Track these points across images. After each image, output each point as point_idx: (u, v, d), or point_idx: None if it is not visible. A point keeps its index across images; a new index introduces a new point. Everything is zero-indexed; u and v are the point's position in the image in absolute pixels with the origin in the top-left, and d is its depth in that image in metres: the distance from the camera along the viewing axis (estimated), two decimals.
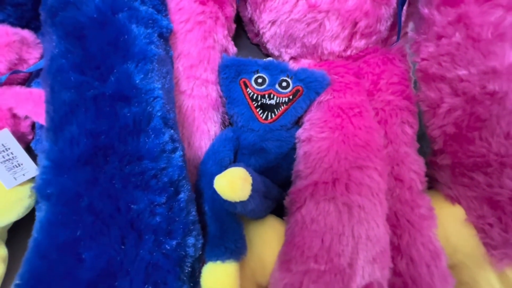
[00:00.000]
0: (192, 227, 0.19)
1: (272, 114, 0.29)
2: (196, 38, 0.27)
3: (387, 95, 0.30)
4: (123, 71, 0.19)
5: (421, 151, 0.31)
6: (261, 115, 0.29)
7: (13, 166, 0.30)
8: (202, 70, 0.28)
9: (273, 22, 0.32)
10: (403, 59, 0.33)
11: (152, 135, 0.19)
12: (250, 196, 0.21)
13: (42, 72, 0.20)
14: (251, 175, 0.22)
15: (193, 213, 0.20)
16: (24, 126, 0.31)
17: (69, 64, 0.18)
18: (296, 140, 0.30)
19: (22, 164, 0.30)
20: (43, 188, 0.17)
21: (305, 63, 0.34)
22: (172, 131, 0.20)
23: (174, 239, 0.18)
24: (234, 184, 0.20)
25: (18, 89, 0.30)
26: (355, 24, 0.30)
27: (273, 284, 0.22)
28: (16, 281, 0.16)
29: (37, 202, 0.31)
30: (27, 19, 0.31)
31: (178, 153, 0.20)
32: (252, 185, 0.21)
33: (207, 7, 0.28)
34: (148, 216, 0.17)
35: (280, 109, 0.29)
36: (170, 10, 0.26)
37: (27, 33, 0.30)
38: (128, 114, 0.18)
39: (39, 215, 0.17)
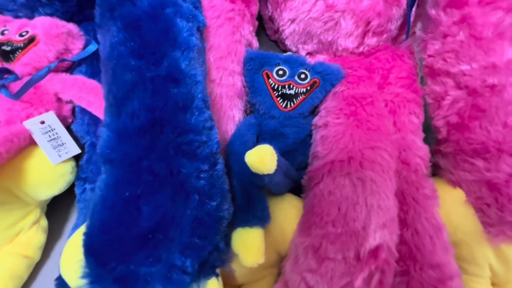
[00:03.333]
0: (226, 195, 0.22)
1: (291, 103, 0.32)
2: (225, 32, 0.30)
3: (396, 88, 0.33)
4: (172, 57, 0.22)
5: (425, 141, 0.34)
6: (281, 104, 0.32)
7: (58, 145, 0.33)
8: (229, 62, 0.31)
9: (292, 20, 0.35)
10: (411, 56, 0.36)
11: (196, 113, 0.22)
12: (276, 170, 0.24)
13: (102, 57, 0.23)
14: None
15: (227, 183, 0.23)
16: (66, 110, 0.35)
17: (129, 50, 0.21)
18: (313, 127, 0.33)
19: (65, 143, 0.33)
20: (107, 154, 0.20)
21: (320, 58, 0.37)
22: (209, 111, 0.23)
23: (214, 201, 0.21)
24: (263, 158, 0.23)
25: (64, 75, 0.33)
26: (368, 23, 0.33)
27: (294, 249, 0.25)
28: (86, 230, 0.19)
29: (77, 179, 0.35)
30: (71, 14, 0.35)
31: (215, 130, 0.23)
32: (277, 160, 0.24)
33: (236, 5, 0.31)
34: (194, 180, 0.20)
35: (299, 98, 0.32)
36: (203, 7, 0.29)
37: (72, 26, 0.33)
38: (177, 94, 0.21)
39: (102, 177, 0.20)
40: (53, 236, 0.36)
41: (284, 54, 0.34)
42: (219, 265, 0.21)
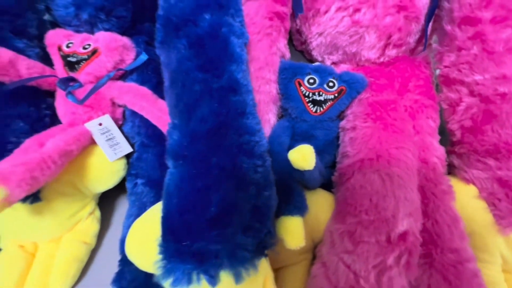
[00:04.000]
0: (273, 187, 0.26)
1: (321, 108, 0.36)
2: (264, 46, 0.34)
3: (415, 95, 0.36)
4: (230, 70, 0.26)
5: (440, 143, 0.37)
6: (311, 109, 0.36)
7: (113, 144, 0.37)
8: (267, 72, 0.34)
9: (320, 34, 0.39)
10: (427, 66, 0.40)
11: (250, 117, 0.25)
12: (314, 166, 0.28)
13: (169, 69, 0.27)
14: None
15: (273, 177, 0.27)
16: (118, 113, 0.39)
17: (195, 65, 0.25)
18: (340, 130, 0.37)
19: (119, 143, 0.37)
20: (180, 152, 0.24)
21: (344, 67, 0.41)
22: (258, 116, 0.27)
23: (267, 192, 0.24)
24: (306, 156, 0.27)
25: (119, 83, 0.37)
26: (390, 37, 0.36)
27: (329, 235, 0.28)
28: (164, 214, 0.23)
29: (128, 175, 0.39)
30: (124, 29, 0.39)
31: (263, 131, 0.27)
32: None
33: (273, 22, 0.35)
34: (252, 173, 0.24)
35: (327, 104, 0.36)
36: (246, 24, 0.33)
37: (126, 39, 0.37)
38: (236, 101, 0.25)
39: (172, 171, 0.24)
40: (102, 224, 0.40)
41: (313, 64, 0.38)
42: (269, 247, 0.25)
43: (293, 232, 0.27)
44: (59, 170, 0.30)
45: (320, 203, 0.32)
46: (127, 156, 0.39)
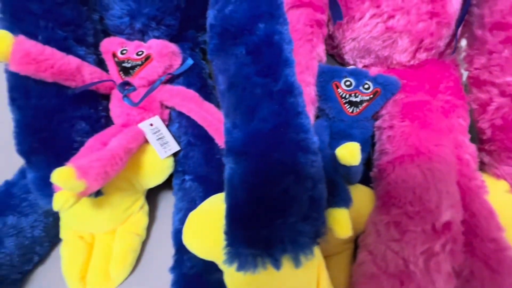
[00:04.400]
0: (324, 180, 0.28)
1: (357, 108, 0.38)
2: (305, 51, 0.36)
3: (446, 96, 0.38)
4: (285, 74, 0.28)
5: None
6: (348, 109, 0.38)
7: (164, 143, 0.40)
8: (307, 75, 0.37)
9: (353, 39, 0.41)
10: (456, 68, 0.42)
11: (303, 116, 0.28)
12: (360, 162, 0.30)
13: (227, 75, 0.29)
14: None
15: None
16: (165, 114, 0.42)
17: (254, 71, 0.28)
18: (376, 129, 0.39)
19: (168, 142, 0.40)
20: (242, 148, 0.26)
21: (375, 70, 0.43)
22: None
23: (321, 184, 0.27)
24: (354, 152, 0.29)
25: (169, 86, 0.40)
26: (421, 41, 0.39)
27: (373, 226, 0.30)
28: (227, 204, 0.26)
29: (175, 172, 0.41)
30: (172, 36, 0.42)
31: (312, 129, 0.29)
32: None
33: (314, 29, 0.37)
34: (309, 168, 0.26)
35: (363, 105, 0.38)
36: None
37: (174, 46, 0.40)
38: (292, 102, 0.27)
39: (232, 166, 0.27)
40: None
41: (349, 67, 0.40)
42: (322, 235, 0.27)
43: (341, 222, 0.29)
44: (124, 166, 0.33)
45: (361, 197, 0.34)
46: (174, 154, 0.42)
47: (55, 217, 0.39)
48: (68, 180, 0.26)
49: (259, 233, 0.24)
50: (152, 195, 0.45)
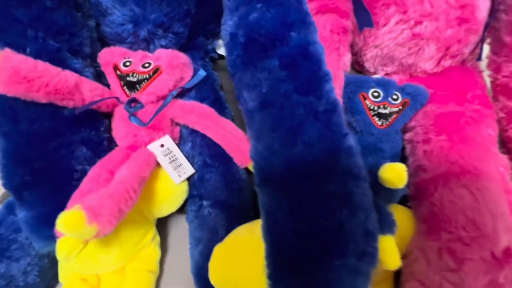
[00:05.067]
0: (373, 208, 0.26)
1: (386, 121, 0.36)
2: (332, 61, 0.34)
3: (474, 105, 0.37)
4: (326, 90, 0.25)
5: None
6: (377, 122, 0.36)
7: (177, 166, 0.35)
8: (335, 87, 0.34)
9: (376, 46, 0.39)
10: (480, 75, 0.40)
11: (349, 138, 0.25)
12: None
13: (262, 93, 0.26)
14: None
15: None
16: (176, 132, 0.37)
17: (293, 87, 0.24)
18: (406, 142, 0.37)
19: (182, 164, 0.36)
20: (285, 178, 0.23)
21: (396, 78, 0.41)
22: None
23: (373, 213, 0.24)
24: (401, 175, 0.26)
25: (181, 102, 0.36)
26: (448, 48, 0.37)
27: (419, 251, 0.28)
28: (270, 243, 0.22)
29: (190, 197, 0.37)
30: (180, 44, 0.37)
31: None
32: None
33: (340, 36, 0.34)
34: (361, 197, 0.23)
35: (392, 117, 0.36)
36: None
37: (185, 56, 0.36)
38: (337, 123, 0.24)
39: (275, 198, 0.23)
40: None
41: (375, 77, 0.38)
42: (375, 267, 0.25)
43: (389, 252, 0.27)
44: (138, 199, 0.28)
45: (400, 219, 0.32)
46: (187, 178, 0.37)
47: (51, 257, 0.34)
48: (78, 226, 0.22)
49: (314, 276, 0.21)
50: (160, 221, 0.40)
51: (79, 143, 0.30)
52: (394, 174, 0.27)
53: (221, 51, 0.43)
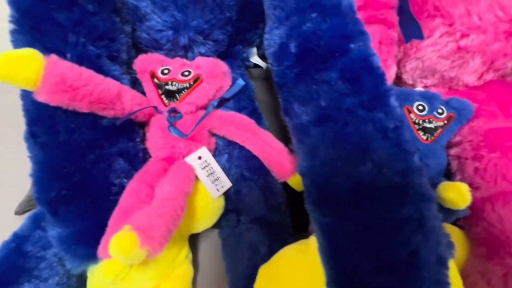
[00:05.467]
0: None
1: (431, 136, 0.35)
2: None
3: None
4: (393, 105, 0.24)
5: None
6: (422, 137, 0.35)
7: (215, 179, 0.34)
8: None
9: (417, 58, 0.38)
10: None
11: (417, 156, 0.23)
12: None
13: (320, 106, 0.24)
14: None
15: None
16: (212, 144, 0.36)
17: (357, 102, 0.23)
18: (452, 158, 0.35)
19: (220, 177, 0.34)
20: (350, 197, 0.21)
21: (434, 91, 0.40)
22: None
23: (444, 238, 0.22)
24: (464, 194, 0.25)
25: (220, 112, 0.34)
26: (493, 62, 0.36)
27: (479, 275, 0.26)
28: (331, 269, 0.21)
29: (225, 211, 0.35)
30: (218, 52, 0.36)
31: None
32: None
33: (388, 48, 0.33)
34: (434, 220, 0.21)
35: (437, 131, 0.35)
36: None
37: (225, 64, 0.34)
38: (408, 140, 0.23)
39: (331, 220, 0.22)
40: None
41: (418, 89, 0.37)
42: None
43: (453, 279, 0.26)
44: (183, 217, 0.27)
45: (455, 238, 0.31)
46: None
47: (79, 276, 0.31)
48: (130, 250, 0.20)
49: None
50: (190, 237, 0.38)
51: (117, 155, 0.28)
52: (457, 194, 0.26)
53: (254, 59, 0.42)
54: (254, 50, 0.41)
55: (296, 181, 0.34)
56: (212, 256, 0.37)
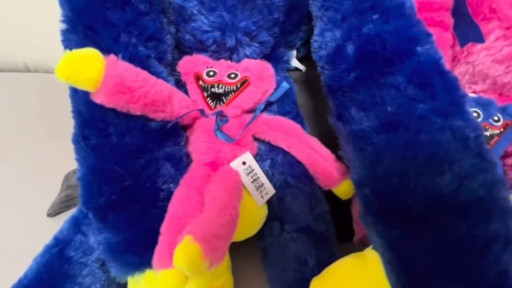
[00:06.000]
0: None
1: (487, 144, 0.33)
2: None
3: None
4: (468, 111, 0.22)
5: None
6: None
7: (259, 186, 0.32)
8: None
9: (468, 62, 0.36)
10: None
11: (495, 160, 0.22)
12: None
13: (386, 112, 0.23)
14: None
15: None
16: (254, 149, 0.34)
17: (430, 108, 0.22)
18: (506, 168, 0.34)
19: (264, 184, 0.33)
20: (424, 212, 0.20)
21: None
22: None
23: None
24: None
25: (265, 116, 0.33)
26: None
27: None
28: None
29: (267, 220, 0.34)
30: (263, 55, 0.35)
31: None
32: None
33: (445, 52, 0.32)
34: None
35: (493, 140, 0.33)
36: None
37: (272, 67, 0.33)
38: (487, 150, 0.21)
39: (398, 234, 0.21)
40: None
41: (472, 95, 0.35)
42: None
43: None
44: None
45: None
46: None
47: (118, 284, 0.31)
48: (196, 261, 0.19)
49: None
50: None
51: (164, 159, 0.27)
52: None
53: (294, 62, 0.41)
54: (294, 52, 0.40)
55: (343, 190, 0.33)
56: (251, 264, 0.36)
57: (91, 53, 0.21)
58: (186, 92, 0.34)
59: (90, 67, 0.20)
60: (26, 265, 0.30)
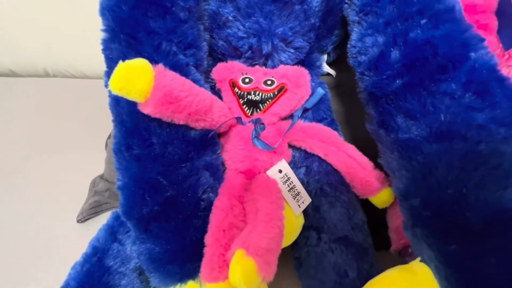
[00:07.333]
0: None
1: None
2: None
3: None
4: None
5: None
6: None
7: (295, 194, 0.32)
8: None
9: (509, 65, 0.35)
10: None
11: None
12: None
13: (440, 121, 0.22)
14: None
15: None
16: (289, 156, 0.34)
17: (489, 117, 0.21)
18: None
19: (300, 193, 0.32)
20: (482, 226, 0.19)
21: None
22: None
23: None
24: None
25: (301, 123, 0.32)
26: None
27: None
28: None
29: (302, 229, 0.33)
30: (297, 60, 0.34)
31: None
32: None
33: None
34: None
35: None
36: None
37: (308, 73, 0.33)
38: None
39: (452, 249, 0.20)
40: None
41: None
42: None
43: None
44: None
45: None
46: None
47: None
48: (253, 277, 0.18)
49: None
50: None
51: (203, 169, 0.27)
52: None
53: (325, 67, 0.40)
54: (325, 57, 0.39)
55: (382, 199, 0.32)
56: (283, 273, 0.35)
57: (142, 63, 0.20)
58: (220, 99, 0.34)
59: (141, 78, 0.20)
60: (61, 270, 0.30)
